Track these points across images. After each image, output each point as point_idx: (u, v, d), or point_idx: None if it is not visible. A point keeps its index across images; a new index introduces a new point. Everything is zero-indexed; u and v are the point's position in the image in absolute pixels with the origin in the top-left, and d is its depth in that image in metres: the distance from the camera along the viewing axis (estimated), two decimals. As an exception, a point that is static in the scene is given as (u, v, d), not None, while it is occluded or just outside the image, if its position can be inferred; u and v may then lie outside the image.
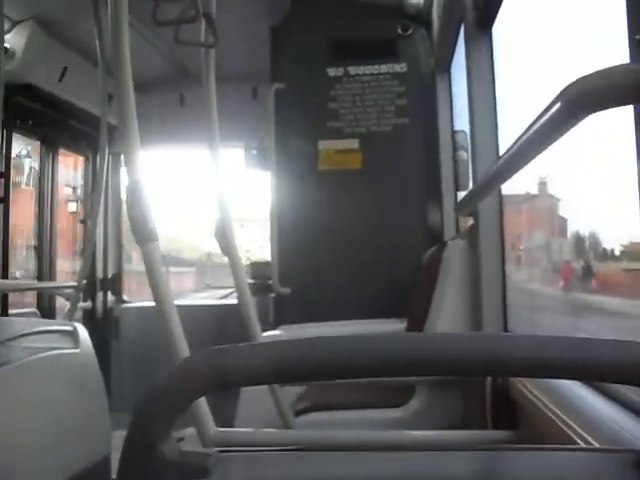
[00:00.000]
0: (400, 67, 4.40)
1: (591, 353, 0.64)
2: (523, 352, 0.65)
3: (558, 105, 1.03)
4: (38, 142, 4.96)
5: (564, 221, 2.86)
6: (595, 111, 0.97)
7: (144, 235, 1.79)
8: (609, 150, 1.90)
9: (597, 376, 0.69)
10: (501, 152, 2.50)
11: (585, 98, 0.95)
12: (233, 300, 5.38)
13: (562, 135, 1.14)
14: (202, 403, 1.93)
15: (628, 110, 1.07)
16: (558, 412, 1.43)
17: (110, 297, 5.65)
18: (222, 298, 6.25)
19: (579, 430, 1.29)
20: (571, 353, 0.64)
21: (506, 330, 2.52)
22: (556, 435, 1.40)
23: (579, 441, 1.27)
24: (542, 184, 2.86)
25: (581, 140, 1.62)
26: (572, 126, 1.08)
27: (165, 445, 0.70)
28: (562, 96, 1.02)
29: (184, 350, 1.85)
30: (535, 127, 1.20)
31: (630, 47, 1.04)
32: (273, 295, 4.49)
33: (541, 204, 3.00)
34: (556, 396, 1.51)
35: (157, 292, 1.82)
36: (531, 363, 0.65)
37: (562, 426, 1.37)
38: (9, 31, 4.01)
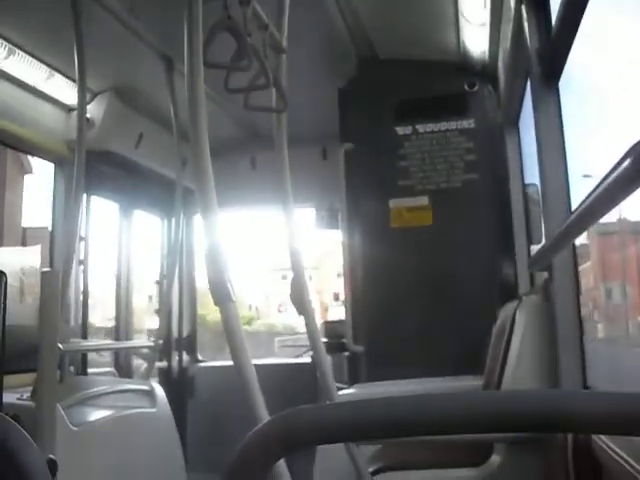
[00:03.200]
0: (468, 123, 4.42)
1: None
2: (597, 408, 0.65)
3: (628, 161, 1.04)
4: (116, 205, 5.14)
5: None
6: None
7: (222, 296, 1.83)
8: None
9: None
10: (573, 205, 2.48)
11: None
12: (307, 359, 5.41)
13: (633, 191, 1.14)
14: (280, 463, 1.94)
15: None
16: None
17: (185, 356, 5.73)
18: (297, 357, 6.27)
19: None
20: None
21: (586, 387, 2.46)
22: None
23: None
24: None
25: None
26: (643, 182, 1.08)
27: None
28: (632, 152, 1.02)
29: (262, 410, 1.86)
30: (606, 183, 1.19)
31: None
32: (347, 353, 4.48)
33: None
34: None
35: (235, 352, 1.85)
36: (604, 419, 0.64)
37: None
38: (90, 102, 4.20)
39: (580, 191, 2.24)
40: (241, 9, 2.34)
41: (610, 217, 2.39)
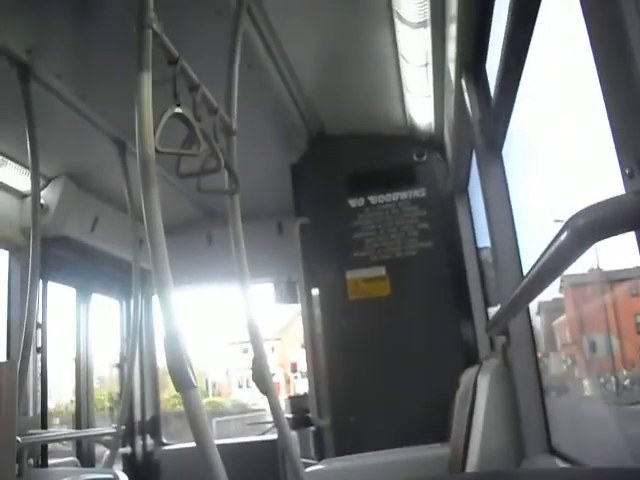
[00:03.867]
0: (419, 192, 4.51)
1: None
2: None
3: (566, 233, 1.08)
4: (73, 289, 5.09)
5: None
6: (601, 239, 1.02)
7: (183, 383, 1.82)
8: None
9: None
10: (525, 267, 2.54)
11: (591, 227, 1.00)
12: (273, 435, 5.34)
13: (574, 260, 1.18)
14: None
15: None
16: None
17: (149, 440, 5.61)
18: (262, 434, 6.19)
19: None
20: None
21: (551, 447, 2.47)
22: None
23: None
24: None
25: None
26: (582, 252, 1.12)
27: None
28: (569, 225, 1.07)
29: None
30: (548, 254, 1.24)
31: (623, 179, 1.10)
32: (313, 428, 4.45)
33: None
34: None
35: (199, 437, 1.83)
36: None
37: None
38: (44, 187, 4.20)
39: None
40: (190, 94, 2.40)
41: (583, 268, 2.41)
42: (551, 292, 2.77)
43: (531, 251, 2.58)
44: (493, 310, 3.87)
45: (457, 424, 3.30)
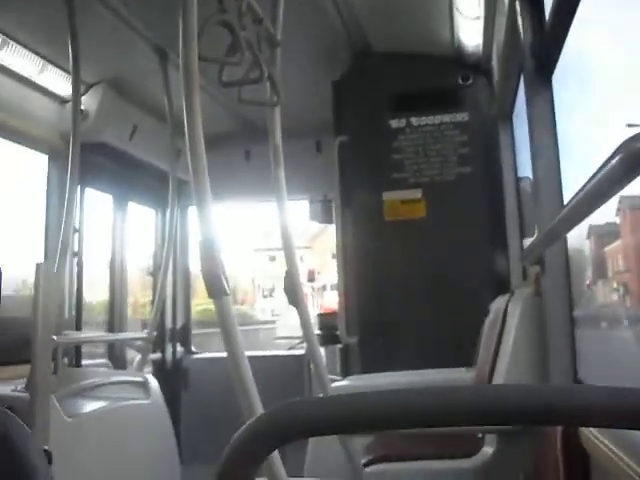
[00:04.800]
0: (462, 116, 4.44)
1: None
2: (583, 401, 0.67)
3: (620, 156, 1.05)
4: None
5: None
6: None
7: (216, 290, 1.84)
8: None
9: None
10: (565, 199, 2.50)
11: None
12: (301, 351, 5.42)
13: (625, 185, 1.15)
14: (274, 454, 1.95)
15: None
16: (631, 464, 1.41)
17: (179, 348, 5.73)
18: (290, 349, 6.29)
19: None
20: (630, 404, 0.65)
21: (576, 380, 2.48)
22: None
23: None
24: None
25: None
26: (634, 177, 1.09)
27: None
28: (623, 148, 1.04)
29: (256, 402, 1.87)
30: (598, 177, 1.21)
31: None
32: (340, 345, 4.50)
33: None
34: (629, 448, 1.48)
35: (230, 345, 1.86)
36: (591, 412, 0.66)
37: (633, 476, 1.35)
38: (84, 93, 4.19)
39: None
40: (235, 2, 2.34)
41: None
42: (605, 216, 2.67)
43: (570, 187, 2.53)
44: (527, 242, 3.83)
45: (484, 350, 3.32)
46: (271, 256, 30.40)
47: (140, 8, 3.57)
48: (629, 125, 2.07)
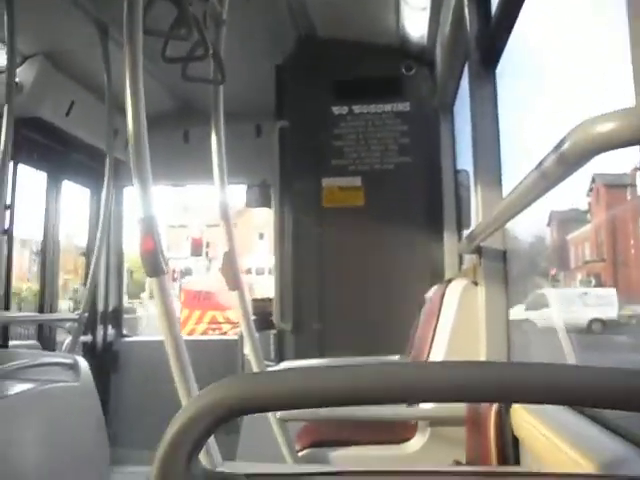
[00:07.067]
0: (403, 106, 4.46)
1: (582, 379, 0.67)
2: (514, 378, 0.68)
3: (566, 145, 1.06)
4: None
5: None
6: (601, 152, 1.00)
7: (155, 269, 1.81)
8: None
9: (590, 402, 0.71)
10: (504, 191, 2.53)
11: (593, 139, 0.97)
12: (233, 336, 5.39)
13: (569, 175, 1.17)
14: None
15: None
16: (557, 442, 1.44)
17: (110, 331, 5.64)
18: (222, 333, 6.26)
19: (578, 459, 1.30)
20: (563, 380, 0.67)
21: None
22: (557, 466, 1.41)
23: (579, 470, 1.28)
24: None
25: None
26: (579, 166, 1.10)
27: (195, 470, 0.72)
28: (570, 137, 1.05)
29: (192, 381, 1.85)
30: (543, 167, 1.22)
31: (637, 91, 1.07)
32: (274, 331, 4.50)
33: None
34: (557, 429, 1.52)
35: (166, 324, 1.83)
36: (524, 389, 0.67)
37: (561, 456, 1.38)
38: (19, 65, 4.05)
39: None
40: None
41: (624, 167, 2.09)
42: (569, 201, 2.60)
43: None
44: (464, 234, 3.89)
45: (419, 338, 3.35)
46: (188, 235, 27.87)
47: None
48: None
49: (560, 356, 2.55)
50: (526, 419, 1.72)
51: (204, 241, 22.34)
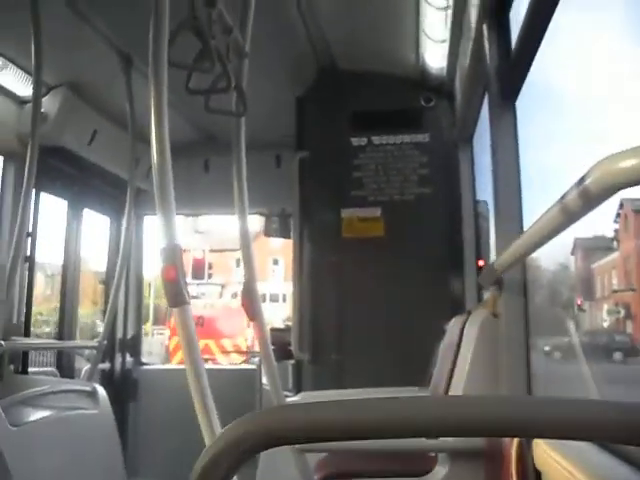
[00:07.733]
0: (423, 137, 4.49)
1: (607, 414, 0.66)
2: (536, 414, 0.67)
3: (589, 180, 1.06)
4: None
5: None
6: (624, 188, 1.00)
7: (178, 299, 1.82)
8: None
9: (615, 438, 0.71)
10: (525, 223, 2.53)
11: (617, 174, 0.98)
12: (251, 365, 5.38)
13: (591, 210, 1.17)
14: None
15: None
16: (580, 478, 1.43)
17: (129, 358, 5.64)
18: (241, 363, 6.25)
19: None
20: (586, 415, 0.66)
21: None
22: None
23: None
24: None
25: None
26: (602, 202, 1.10)
27: None
28: (593, 172, 1.05)
29: (214, 414, 1.85)
30: (565, 200, 1.22)
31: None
32: (292, 361, 4.49)
33: None
34: (579, 462, 1.50)
35: (189, 354, 1.84)
36: (545, 424, 0.67)
37: None
38: (44, 95, 4.11)
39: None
40: (207, 11, 2.34)
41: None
42: (594, 227, 2.50)
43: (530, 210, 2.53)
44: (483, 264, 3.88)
45: (439, 370, 3.33)
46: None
47: (106, 11, 3.53)
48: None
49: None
50: (548, 453, 1.70)
51: (206, 262, 21.52)
